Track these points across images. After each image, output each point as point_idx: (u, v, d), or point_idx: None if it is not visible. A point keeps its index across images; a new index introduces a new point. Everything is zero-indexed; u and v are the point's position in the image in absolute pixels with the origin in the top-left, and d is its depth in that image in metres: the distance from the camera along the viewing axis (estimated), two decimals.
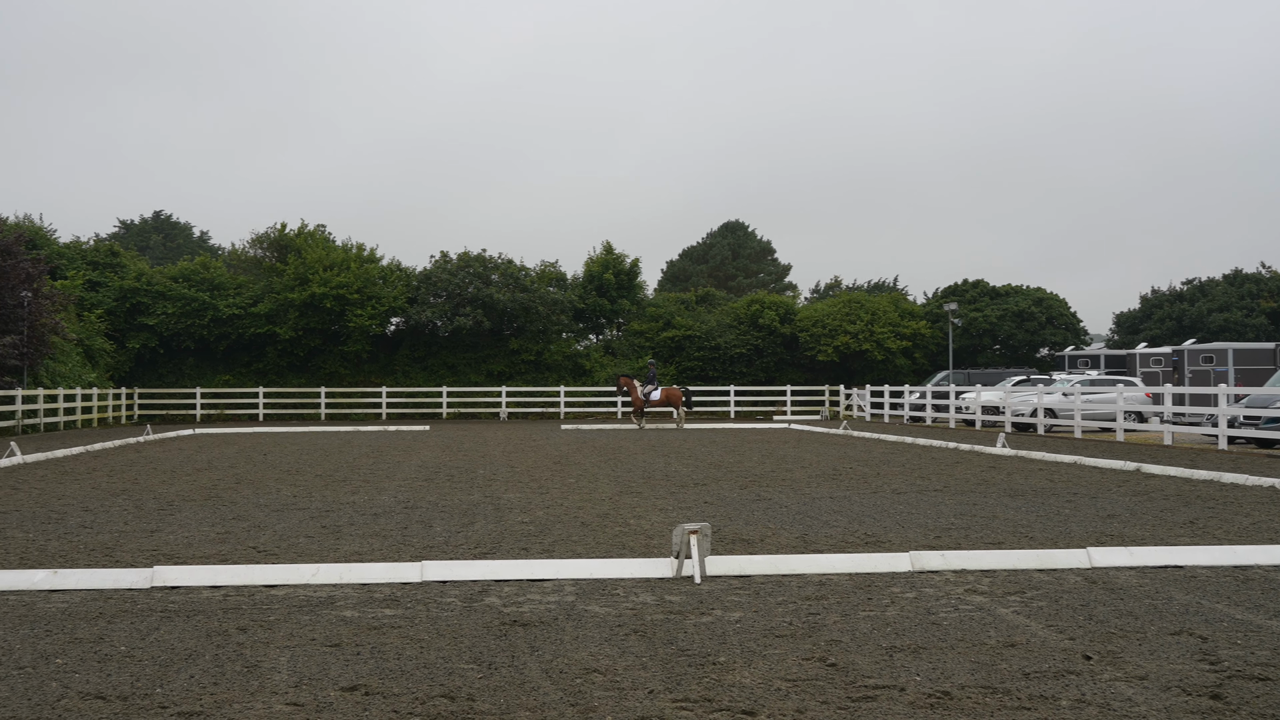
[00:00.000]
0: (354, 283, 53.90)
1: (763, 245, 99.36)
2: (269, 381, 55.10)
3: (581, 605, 8.56)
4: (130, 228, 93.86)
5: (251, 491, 17.45)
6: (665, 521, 13.40)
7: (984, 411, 40.16)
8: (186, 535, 12.51)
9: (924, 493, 16.96)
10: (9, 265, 41.16)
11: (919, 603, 8.62)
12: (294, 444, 31.64)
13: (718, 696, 6.12)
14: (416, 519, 13.84)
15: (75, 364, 47.69)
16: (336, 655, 7.07)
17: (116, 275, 54.82)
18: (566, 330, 58.71)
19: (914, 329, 58.73)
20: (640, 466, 22.18)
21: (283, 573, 9.62)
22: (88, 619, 8.14)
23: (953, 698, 6.09)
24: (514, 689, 6.30)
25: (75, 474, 21.05)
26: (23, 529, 13.09)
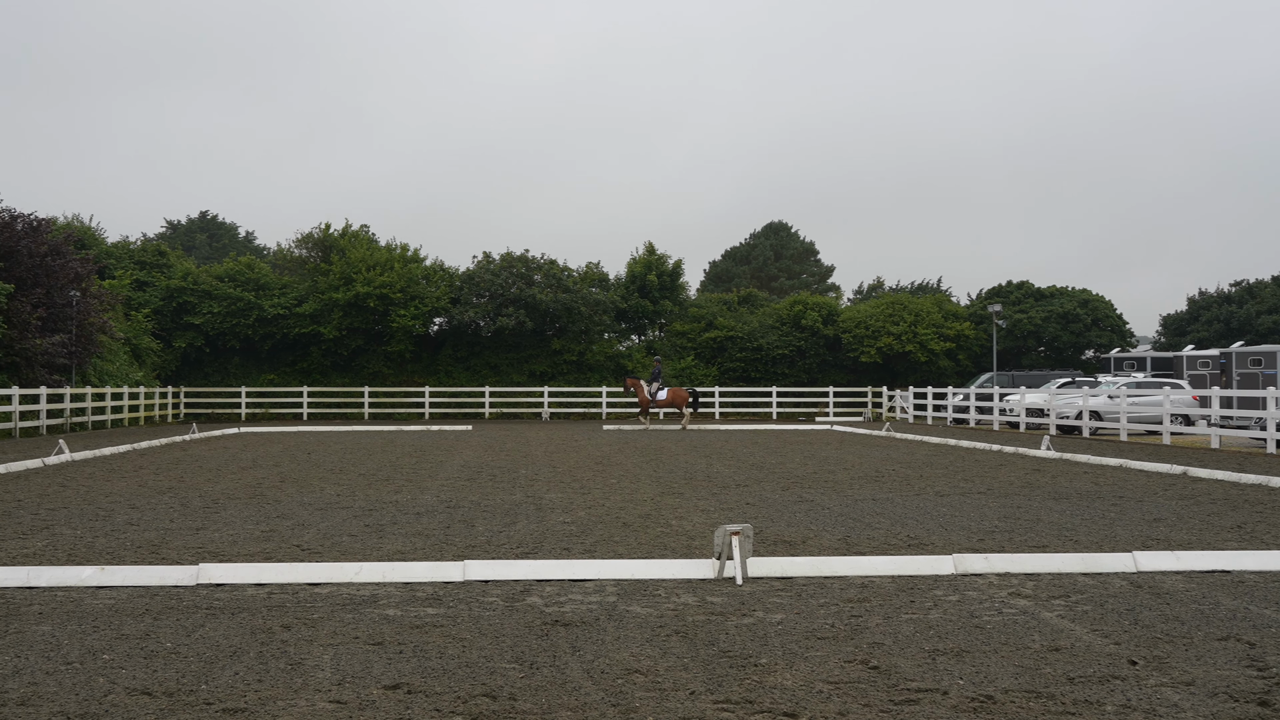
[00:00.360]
0: (397, 282, 54.16)
1: (805, 246, 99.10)
2: (313, 381, 55.46)
3: (623, 606, 8.56)
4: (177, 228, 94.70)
5: (295, 490, 17.57)
6: (707, 522, 13.39)
7: (1028, 414, 39.87)
8: (231, 533, 12.61)
9: (967, 495, 16.86)
10: (58, 265, 41.62)
11: (962, 606, 8.57)
12: (338, 443, 31.82)
13: (759, 698, 6.11)
14: (459, 518, 13.89)
15: (123, 363, 48.17)
16: (379, 653, 7.10)
17: (163, 275, 55.34)
18: (609, 331, 58.75)
19: (958, 330, 58.40)
20: (682, 467, 22.17)
21: (326, 571, 9.68)
22: (134, 615, 8.22)
23: (996, 702, 6.05)
24: (555, 689, 6.31)
25: (122, 472, 21.26)
26: (71, 526, 13.23)
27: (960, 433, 37.93)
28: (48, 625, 7.89)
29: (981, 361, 59.27)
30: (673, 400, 42.26)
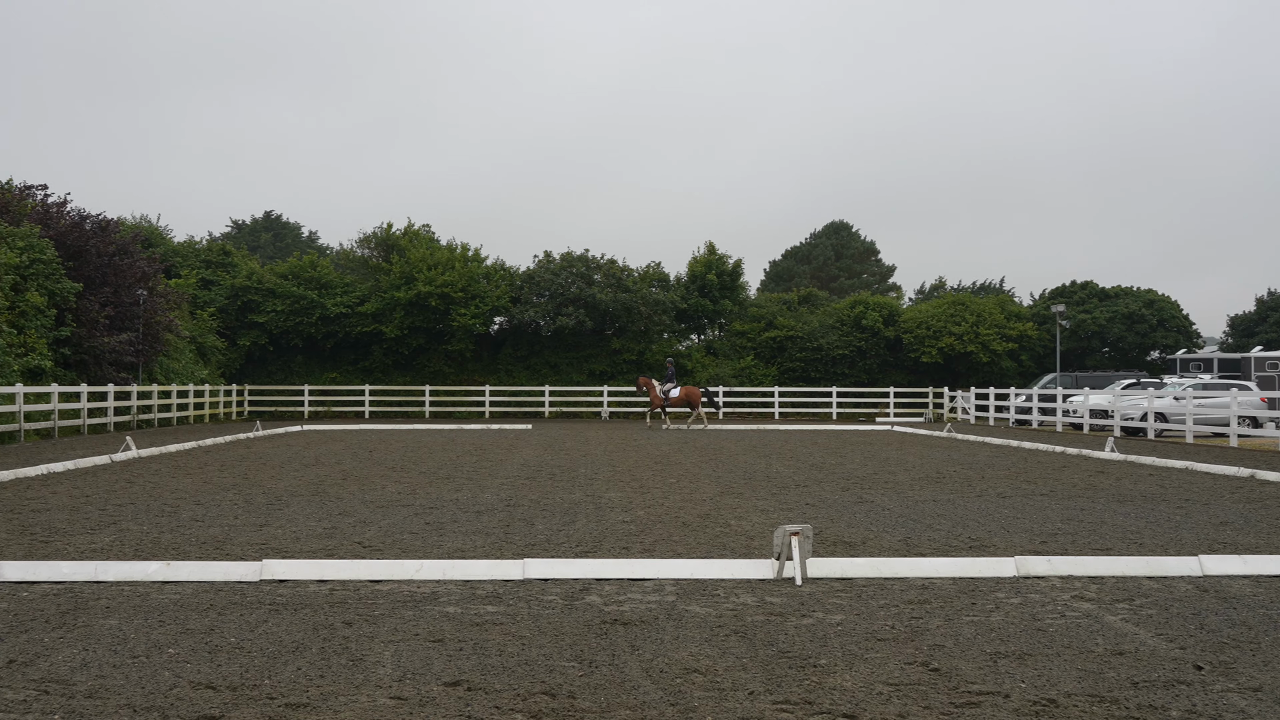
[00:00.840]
0: (458, 282, 54.46)
1: (866, 246, 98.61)
2: (375, 379, 55.89)
3: (682, 605, 8.56)
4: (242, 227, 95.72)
5: (357, 488, 17.71)
6: (766, 523, 13.36)
7: (1092, 415, 39.44)
8: (294, 530, 12.73)
9: (1029, 497, 16.70)
10: (126, 264, 42.22)
11: (1024, 609, 8.50)
12: (399, 441, 32.04)
13: (818, 699, 6.09)
14: (519, 517, 13.94)
15: (188, 361, 48.79)
16: (439, 650, 7.15)
17: (228, 274, 55.99)
18: (668, 330, 58.74)
19: (1020, 331, 57.87)
20: (741, 467, 22.13)
21: (387, 568, 9.75)
22: (199, 610, 8.32)
23: (1059, 706, 5.99)
24: (614, 687, 6.32)
25: (187, 468, 21.52)
26: (137, 521, 13.41)
27: (1022, 434, 37.59)
28: (115, 619, 8.00)
29: (1044, 362, 58.69)
30: (686, 399, 42.13)
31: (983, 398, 50.59)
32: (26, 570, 9.58)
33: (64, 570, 9.61)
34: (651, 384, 42.12)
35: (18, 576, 9.45)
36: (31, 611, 8.24)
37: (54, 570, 9.61)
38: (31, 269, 36.34)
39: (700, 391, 42.46)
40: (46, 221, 40.22)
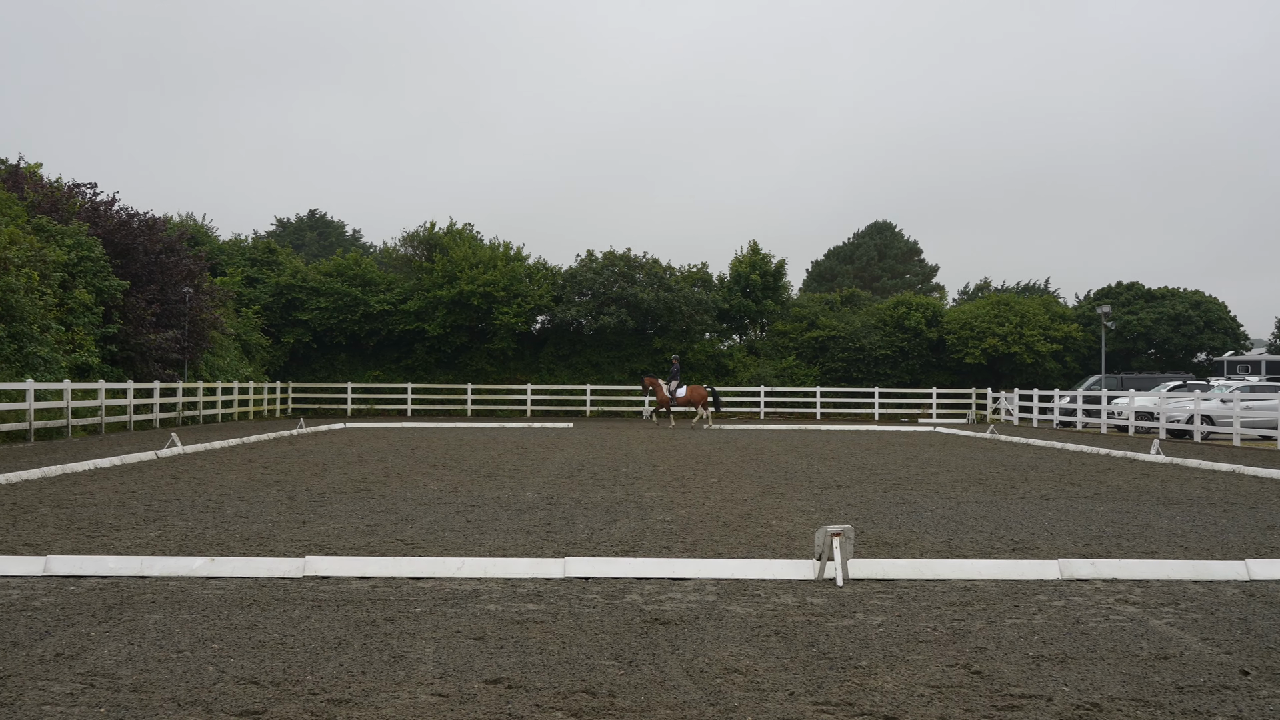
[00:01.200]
0: (500, 280, 54.64)
1: (909, 246, 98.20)
2: (417, 377, 56.15)
3: (722, 605, 8.55)
4: (286, 225, 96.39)
5: (399, 485, 17.79)
6: (807, 523, 13.32)
7: (1137, 417, 39.10)
8: (337, 527, 12.81)
9: (1073, 499, 16.58)
10: (172, 262, 42.61)
11: (1068, 611, 8.44)
12: (441, 439, 32.17)
13: (859, 701, 6.07)
14: (560, 515, 13.97)
15: (233, 358, 49.19)
16: (480, 648, 7.17)
17: (273, 272, 56.42)
18: (710, 330, 58.71)
19: (1065, 332, 57.45)
20: (782, 467, 22.08)
21: (429, 566, 9.79)
22: (243, 606, 8.38)
23: (1102, 710, 5.95)
24: (654, 687, 6.32)
25: (231, 465, 21.69)
26: (182, 517, 13.53)
27: (1066, 436, 37.32)
28: (160, 614, 8.08)
29: (1089, 364, 58.24)
30: (691, 398, 42.03)
31: (1026, 399, 50.23)
32: (73, 565, 9.68)
33: (110, 565, 9.71)
34: (658, 383, 42.02)
35: (65, 571, 9.56)
36: (78, 605, 8.33)
37: (100, 565, 9.71)
38: (80, 266, 36.75)
39: (706, 390, 42.39)
40: (95, 220, 40.66)
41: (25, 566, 9.68)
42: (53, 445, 27.54)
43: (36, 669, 6.57)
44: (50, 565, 9.62)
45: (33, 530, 12.32)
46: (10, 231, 33.20)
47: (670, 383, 41.92)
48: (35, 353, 31.94)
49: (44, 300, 33.56)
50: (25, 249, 33.25)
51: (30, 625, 7.68)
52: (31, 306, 32.34)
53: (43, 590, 8.92)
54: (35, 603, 8.43)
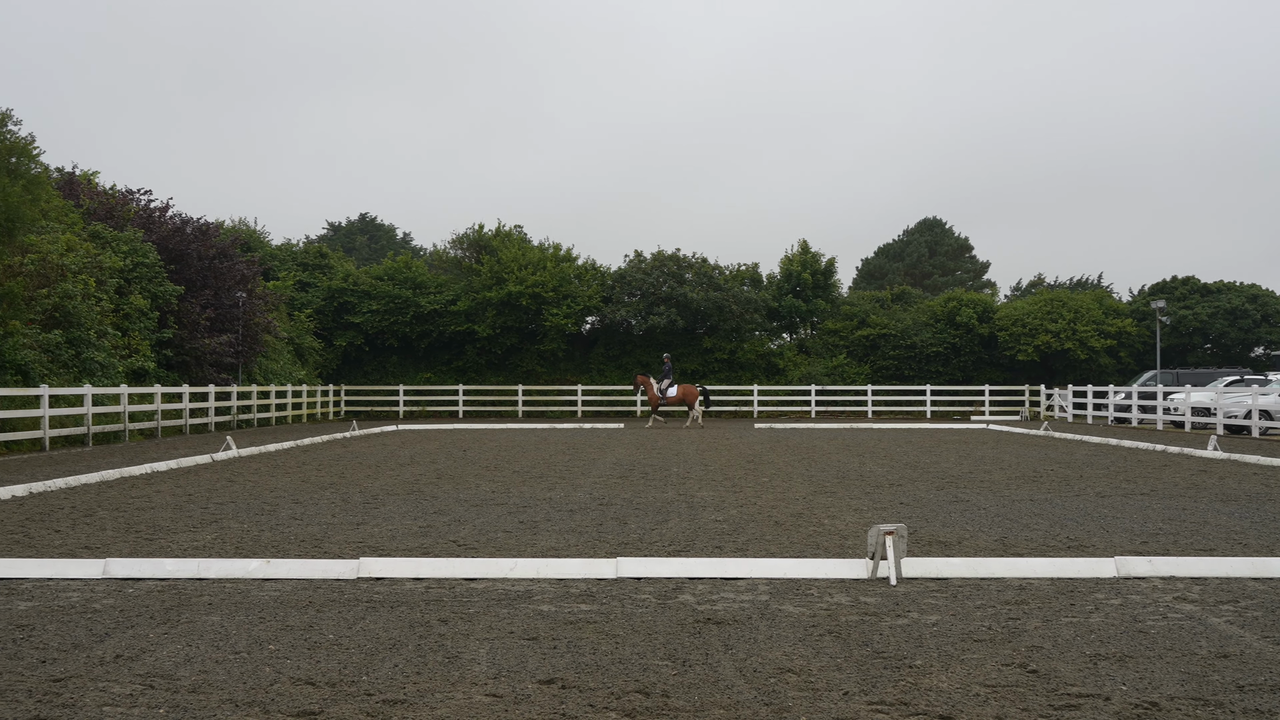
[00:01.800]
0: (550, 281, 54.81)
1: (960, 242, 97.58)
2: (468, 379, 56.40)
3: (775, 604, 8.53)
4: (338, 229, 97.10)
5: (452, 486, 17.87)
6: (860, 522, 13.27)
7: (1194, 413, 38.65)
8: (390, 528, 12.89)
9: (1129, 496, 16.42)
10: (225, 267, 43.04)
11: (1125, 610, 8.35)
12: (492, 440, 32.29)
13: (914, 700, 6.04)
14: (611, 516, 13.99)
15: (286, 362, 49.63)
16: (534, 648, 7.19)
17: (325, 276, 56.88)
18: (760, 329, 58.60)
19: (1119, 328, 56.88)
20: (834, 466, 22.00)
21: (482, 566, 9.83)
22: (298, 607, 8.45)
23: (1161, 709, 5.88)
24: (708, 686, 6.32)
25: (286, 467, 21.87)
26: (238, 519, 13.66)
27: (1122, 432, 36.95)
28: (217, 615, 8.16)
29: (1144, 359, 57.64)
30: (683, 398, 41.91)
31: (1080, 395, 49.80)
32: (132, 567, 9.80)
33: (168, 567, 9.82)
34: (649, 382, 41.85)
35: (124, 573, 9.68)
36: (137, 607, 8.43)
37: (158, 567, 9.83)
38: (135, 272, 37.20)
39: (698, 390, 42.31)
40: (149, 226, 41.15)
41: (85, 569, 9.81)
42: (110, 449, 27.89)
43: (97, 670, 6.65)
44: (109, 568, 9.75)
45: (92, 533, 12.48)
46: (67, 239, 33.66)
47: (662, 382, 41.81)
48: (92, 358, 32.36)
49: (100, 306, 34.00)
50: (82, 256, 33.71)
51: (90, 627, 7.79)
52: (88, 312, 32.77)
53: (102, 592, 9.03)
54: (95, 605, 8.54)
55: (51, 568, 9.89)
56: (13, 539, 12.08)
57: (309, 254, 59.09)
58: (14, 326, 28.26)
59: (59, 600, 8.73)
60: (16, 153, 25.28)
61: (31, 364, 28.98)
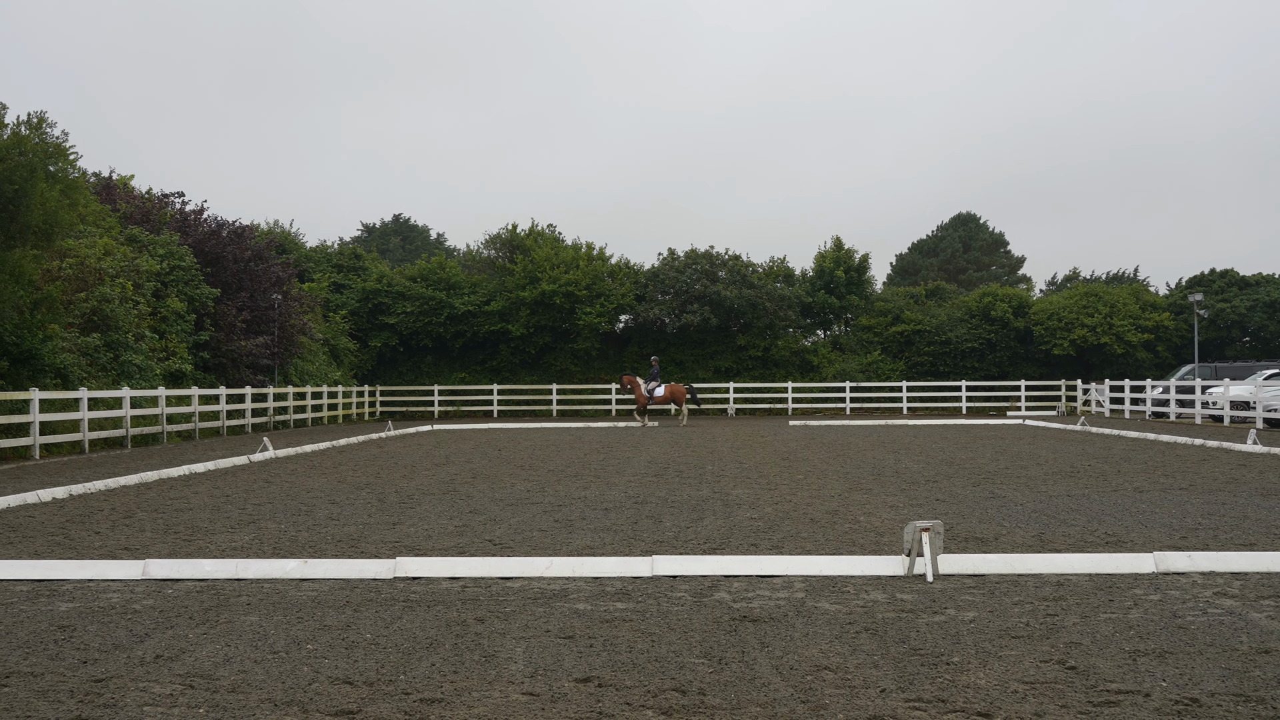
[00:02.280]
0: (583, 280, 54.90)
1: (994, 237, 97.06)
2: (502, 379, 56.53)
3: (811, 602, 8.52)
4: (372, 230, 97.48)
5: (487, 486, 17.92)
6: (896, 519, 13.23)
7: (1232, 407, 38.33)
8: (426, 528, 12.93)
9: (1168, 491, 16.30)
10: (261, 269, 43.30)
11: (1164, 605, 8.30)
12: (527, 440, 32.36)
13: (952, 697, 6.01)
14: (646, 514, 13.99)
15: (321, 363, 49.89)
16: (570, 647, 7.20)
17: (359, 277, 57.15)
18: (794, 326, 58.49)
19: (1156, 321, 56.46)
20: (870, 463, 21.94)
21: (518, 565, 9.86)
22: (335, 607, 8.50)
23: (1202, 705, 5.84)
24: (744, 684, 6.31)
25: (322, 468, 21.98)
26: (275, 520, 13.74)
27: (1159, 427, 36.68)
28: (255, 615, 8.21)
29: (1181, 353, 57.19)
30: (671, 396, 41.91)
31: (1117, 390, 49.44)
32: (171, 568, 9.88)
33: (206, 568, 9.90)
34: (636, 382, 41.65)
35: (163, 574, 9.75)
36: (176, 608, 8.50)
37: (197, 568, 9.90)
38: (172, 275, 37.48)
39: (685, 389, 42.33)
40: (185, 229, 41.44)
41: (125, 570, 9.90)
42: (149, 451, 28.10)
43: (137, 670, 6.71)
44: (149, 569, 9.82)
45: (131, 535, 12.58)
46: (104, 243, 33.94)
47: (649, 383, 41.74)
48: (130, 361, 32.62)
49: (138, 309, 34.28)
50: (119, 260, 33.98)
51: (131, 628, 7.85)
52: (126, 316, 33.05)
53: (142, 593, 9.11)
54: (135, 605, 8.61)
55: (92, 569, 9.97)
56: (54, 541, 12.19)
57: (343, 255, 59.37)
58: (53, 330, 28.52)
59: (99, 601, 8.81)
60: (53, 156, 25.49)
61: (71, 367, 29.24)
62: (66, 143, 26.15)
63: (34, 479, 19.71)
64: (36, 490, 16.70)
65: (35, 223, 24.78)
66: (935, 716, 5.70)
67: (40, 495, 16.28)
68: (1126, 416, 46.09)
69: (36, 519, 14.08)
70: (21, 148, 24.68)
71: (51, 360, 28.31)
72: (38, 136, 25.28)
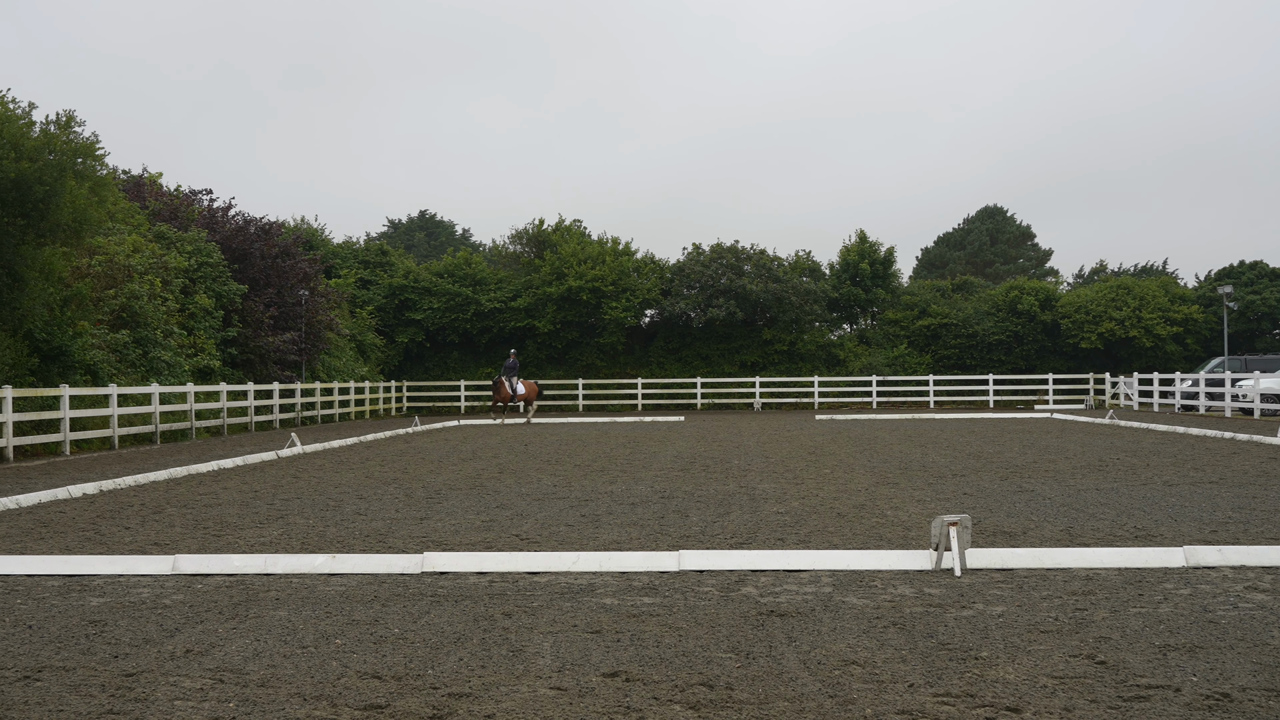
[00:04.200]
0: (609, 275, 54.91)
1: (1021, 230, 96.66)
2: (528, 373, 56.56)
3: (839, 596, 8.51)
4: (397, 226, 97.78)
5: (514, 481, 17.95)
6: (923, 513, 13.20)
7: (1263, 400, 38.07)
8: (454, 523, 12.97)
9: (1198, 485, 16.20)
10: (288, 266, 43.46)
11: (1194, 600, 8.25)
12: (553, 434, 32.39)
13: (980, 692, 5.99)
14: (673, 508, 13.99)
15: (348, 359, 50.05)
16: (597, 641, 7.21)
17: (386, 273, 57.32)
18: (819, 320, 58.39)
19: (1185, 314, 56.11)
20: (897, 457, 21.88)
21: (545, 560, 9.88)
22: (363, 602, 8.53)
23: (1233, 700, 5.81)
24: (772, 679, 6.31)
25: (350, 463, 22.06)
26: (303, 515, 13.80)
27: (1189, 420, 36.47)
28: (284, 610, 8.25)
29: (1211, 346, 56.84)
30: (529, 394, 42.09)
31: (1146, 383, 49.17)
32: (200, 563, 9.93)
33: (235, 563, 9.95)
34: (502, 381, 41.47)
35: (192, 569, 9.81)
36: (206, 603, 8.54)
37: (226, 563, 9.95)
38: (200, 272, 37.66)
39: (538, 387, 42.74)
40: (212, 226, 41.63)
41: (155, 565, 9.96)
42: (178, 447, 28.26)
43: (168, 665, 6.75)
44: (178, 564, 9.88)
45: (161, 530, 12.66)
46: (133, 240, 34.15)
47: (512, 379, 41.69)
48: (159, 357, 32.81)
49: (166, 306, 34.46)
50: (147, 256, 34.19)
51: (161, 623, 7.90)
52: (155, 312, 33.23)
53: (172, 588, 9.16)
54: (165, 600, 8.66)
55: (122, 564, 10.04)
56: (84, 536, 12.28)
57: (370, 252, 59.53)
58: (83, 327, 28.71)
59: (130, 596, 8.87)
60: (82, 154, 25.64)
61: (100, 364, 29.43)
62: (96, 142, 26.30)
63: (65, 475, 19.85)
64: (67, 486, 16.82)
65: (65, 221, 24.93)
66: (964, 711, 5.69)
67: (71, 491, 16.39)
68: (1155, 410, 45.86)
69: (67, 515, 14.18)
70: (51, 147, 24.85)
71: (81, 357, 28.49)
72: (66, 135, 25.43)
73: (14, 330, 26.09)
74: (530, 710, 5.79)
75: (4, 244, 24.00)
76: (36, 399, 25.32)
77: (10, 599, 8.81)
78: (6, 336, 25.73)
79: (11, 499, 15.09)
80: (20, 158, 23.62)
